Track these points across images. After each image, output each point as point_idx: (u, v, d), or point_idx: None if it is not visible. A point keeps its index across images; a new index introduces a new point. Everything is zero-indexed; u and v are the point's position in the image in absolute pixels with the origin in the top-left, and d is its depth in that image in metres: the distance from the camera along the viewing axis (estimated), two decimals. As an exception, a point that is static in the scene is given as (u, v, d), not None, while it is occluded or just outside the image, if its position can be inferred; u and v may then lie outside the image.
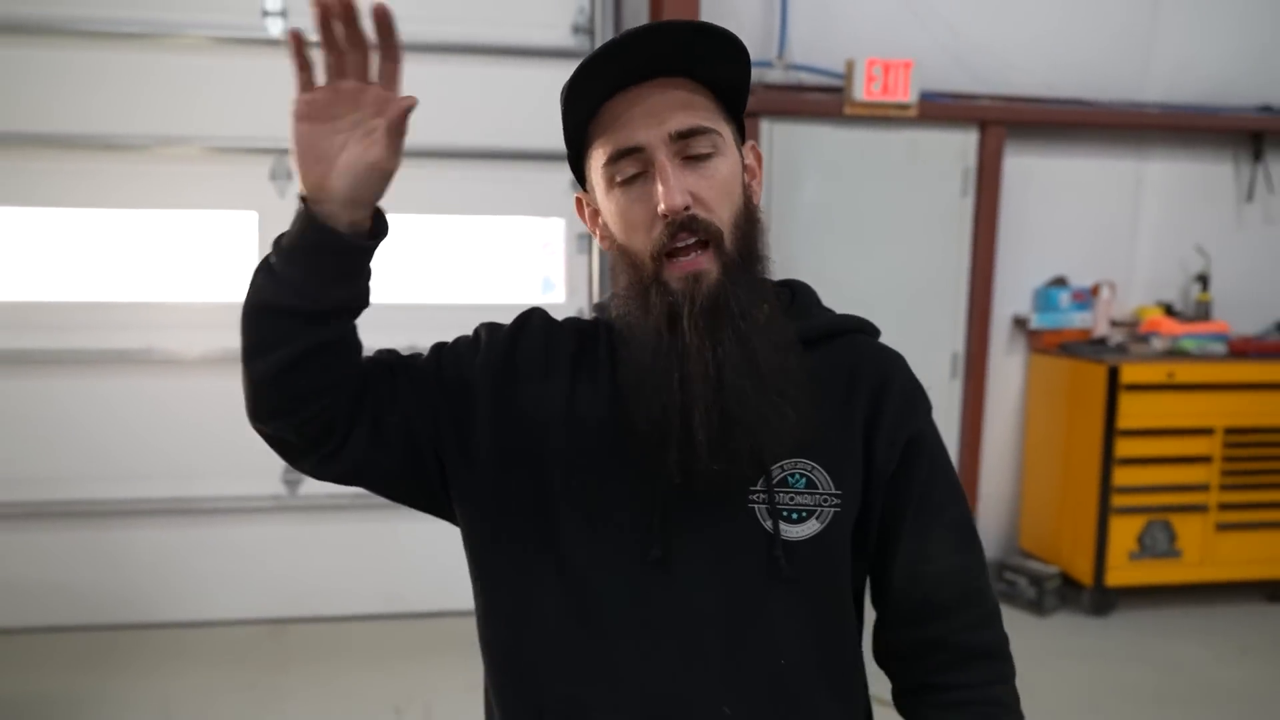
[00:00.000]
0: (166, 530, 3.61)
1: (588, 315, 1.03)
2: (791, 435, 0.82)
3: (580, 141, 0.88)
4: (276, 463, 3.67)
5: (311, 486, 3.61)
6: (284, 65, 2.99)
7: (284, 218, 3.08)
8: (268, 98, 3.43)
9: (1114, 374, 3.71)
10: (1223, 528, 3.86)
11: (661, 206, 0.79)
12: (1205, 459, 3.82)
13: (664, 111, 0.81)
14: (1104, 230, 4.21)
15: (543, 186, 3.66)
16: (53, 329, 3.47)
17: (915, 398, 0.93)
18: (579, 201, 0.95)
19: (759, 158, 0.94)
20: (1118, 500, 3.77)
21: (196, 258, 3.56)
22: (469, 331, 0.98)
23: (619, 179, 0.83)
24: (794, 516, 0.85)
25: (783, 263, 3.64)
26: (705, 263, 0.82)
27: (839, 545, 0.87)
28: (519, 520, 0.89)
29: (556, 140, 0.92)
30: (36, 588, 3.55)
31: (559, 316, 0.99)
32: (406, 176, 2.99)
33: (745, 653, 0.85)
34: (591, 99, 0.83)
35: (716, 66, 0.83)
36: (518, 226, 3.83)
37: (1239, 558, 3.89)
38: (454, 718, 2.97)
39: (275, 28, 3.41)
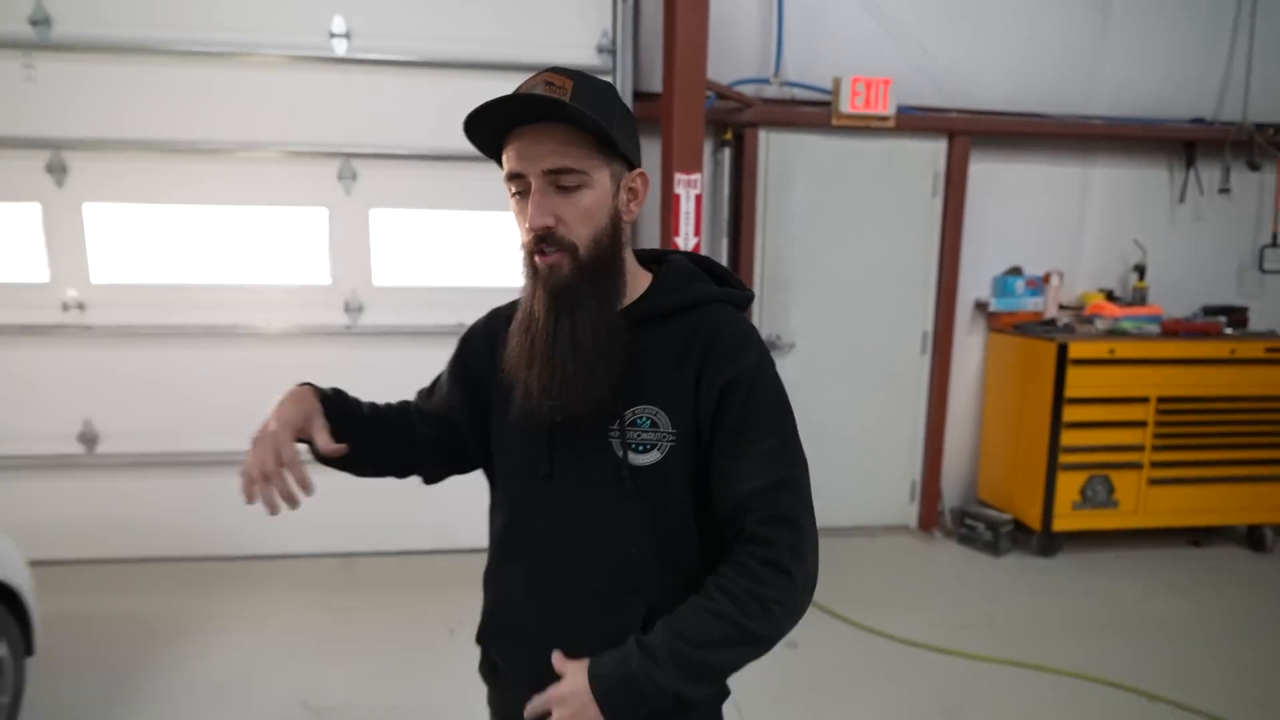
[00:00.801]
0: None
1: None
2: (595, 399, 0.90)
3: (499, 152, 0.94)
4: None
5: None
6: (348, 80, 2.81)
7: (350, 213, 2.94)
8: (334, 108, 3.30)
9: (1063, 350, 3.52)
10: (1154, 482, 3.68)
11: (528, 224, 0.89)
12: (1141, 424, 3.63)
13: (540, 152, 0.88)
14: (1054, 226, 4.01)
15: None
16: (159, 307, 3.34)
17: (735, 352, 0.93)
18: None
19: (645, 183, 0.97)
20: (1064, 458, 3.59)
21: (275, 247, 3.41)
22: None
23: (512, 190, 0.92)
24: (640, 448, 0.93)
25: (775, 253, 3.48)
26: (562, 261, 0.90)
27: (674, 470, 0.93)
28: (488, 459, 1.08)
29: None
30: (151, 526, 3.46)
31: None
32: (449, 178, 2.82)
33: (604, 543, 0.95)
34: (486, 134, 0.91)
35: (582, 123, 0.86)
36: None
37: (1168, 508, 3.71)
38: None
39: (340, 47, 3.24)
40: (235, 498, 3.41)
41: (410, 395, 1.25)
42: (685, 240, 3.28)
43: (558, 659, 0.91)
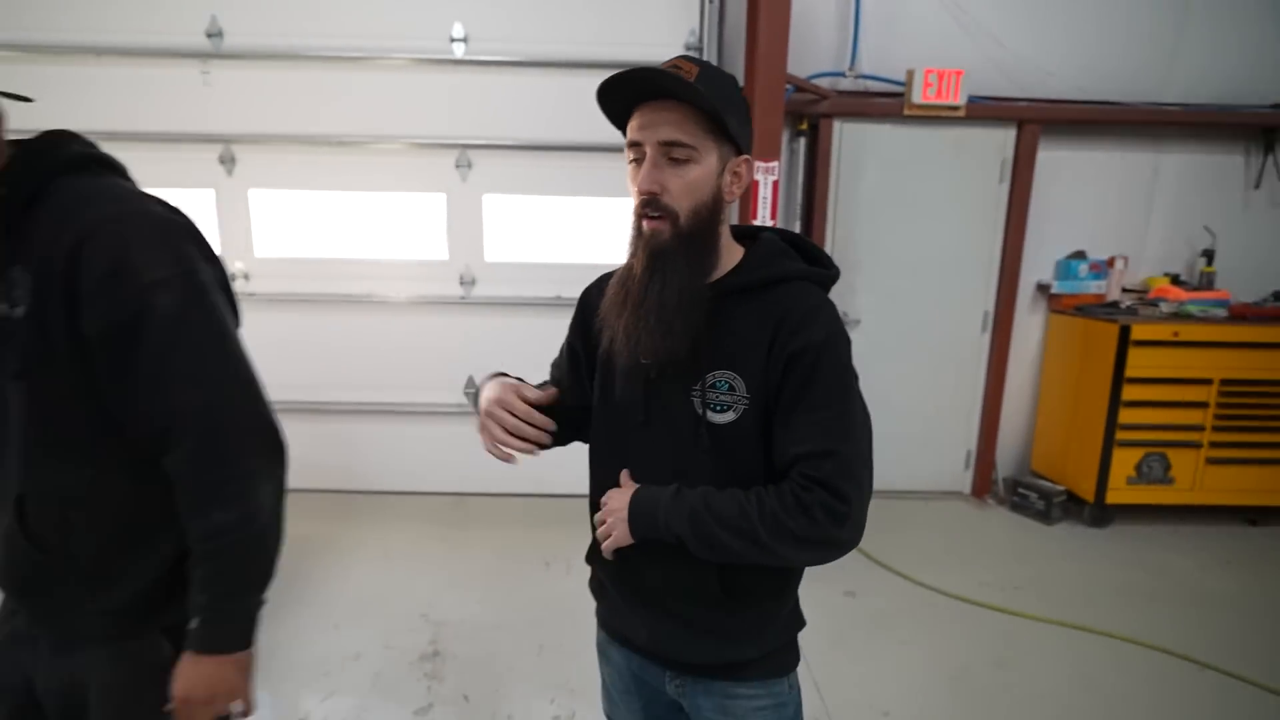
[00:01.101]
0: (384, 425, 3.72)
1: None
2: (668, 347, 0.94)
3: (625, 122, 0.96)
4: (458, 378, 3.72)
5: (484, 398, 3.67)
6: (465, 79, 2.91)
7: (465, 197, 3.05)
8: (453, 104, 3.41)
9: (1125, 331, 3.34)
10: (1212, 461, 3.46)
11: (638, 186, 0.93)
12: (1202, 404, 3.41)
13: (658, 123, 0.91)
14: (1121, 212, 3.76)
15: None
16: (308, 278, 3.56)
17: (804, 325, 0.93)
18: None
19: (749, 169, 0.99)
20: (1121, 435, 3.42)
21: (401, 227, 3.57)
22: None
23: (630, 157, 0.95)
24: (717, 408, 0.96)
25: (845, 236, 3.41)
26: (663, 227, 0.94)
27: (747, 431, 0.95)
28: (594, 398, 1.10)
29: None
30: (300, 462, 3.69)
31: None
32: (552, 166, 2.87)
33: (690, 485, 0.97)
34: (617, 105, 0.94)
35: (700, 104, 0.89)
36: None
37: (1225, 487, 3.49)
38: (586, 569, 2.99)
39: (459, 50, 3.35)
40: (367, 441, 3.67)
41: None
42: (762, 223, 3.27)
43: (624, 476, 1.02)
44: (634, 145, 0.93)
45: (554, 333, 1.24)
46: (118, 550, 0.95)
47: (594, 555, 1.12)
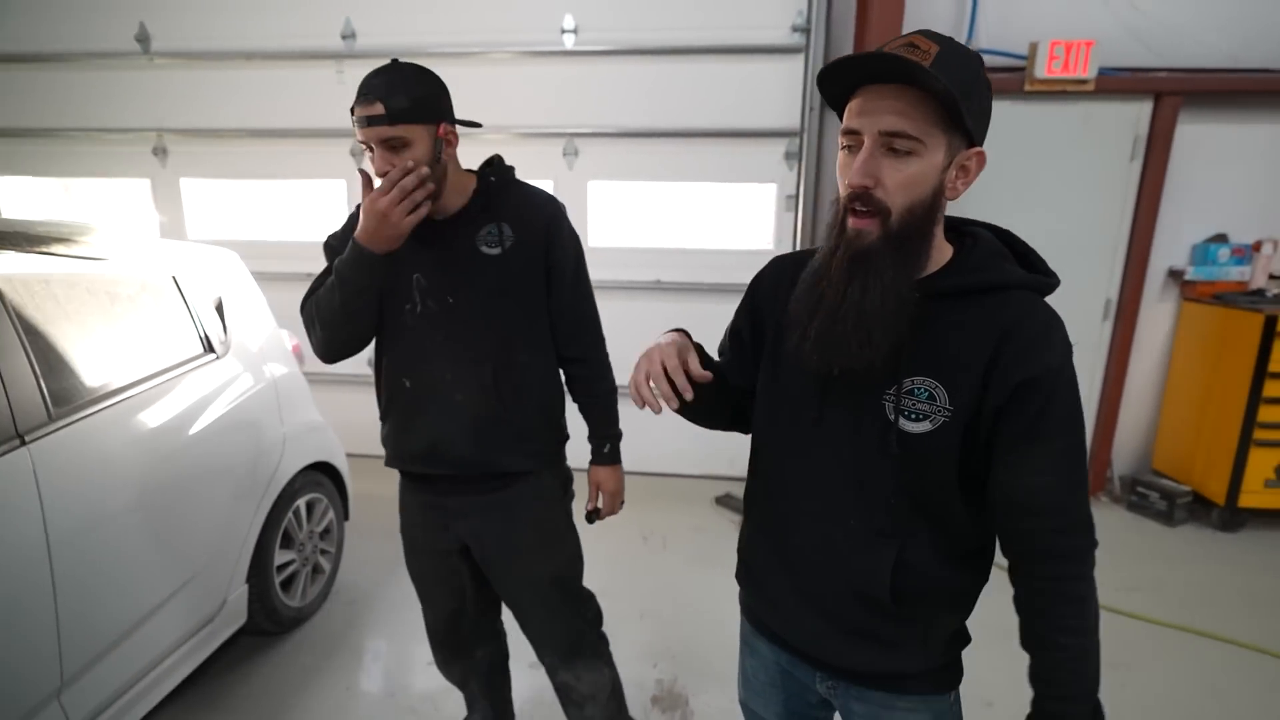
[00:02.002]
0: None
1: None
2: (864, 357, 0.86)
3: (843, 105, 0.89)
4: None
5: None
6: (574, 69, 3.01)
7: (572, 184, 3.16)
8: (562, 94, 3.52)
9: (1271, 322, 3.07)
10: (1370, 467, 3.15)
11: (848, 180, 0.84)
12: (1359, 404, 3.10)
13: (881, 110, 0.81)
14: (1271, 191, 3.42)
15: (762, 158, 3.50)
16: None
17: (1037, 349, 0.84)
18: None
19: (981, 162, 0.86)
20: (1260, 434, 3.16)
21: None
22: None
23: (844, 144, 0.86)
24: (912, 416, 0.88)
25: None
26: (871, 227, 0.84)
27: (943, 444, 0.87)
28: (757, 396, 1.06)
29: (774, 121, 0.91)
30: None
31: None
32: (660, 153, 2.90)
33: (866, 490, 0.92)
34: (835, 88, 0.86)
35: (935, 90, 0.78)
36: (743, 190, 3.61)
37: (1384, 495, 3.17)
38: (681, 545, 3.09)
39: (569, 41, 3.45)
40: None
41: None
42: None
43: None
44: (850, 133, 0.84)
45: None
46: (542, 406, 1.47)
47: (748, 546, 1.09)
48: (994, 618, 1.10)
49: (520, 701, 2.05)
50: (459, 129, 1.41)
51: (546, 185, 3.65)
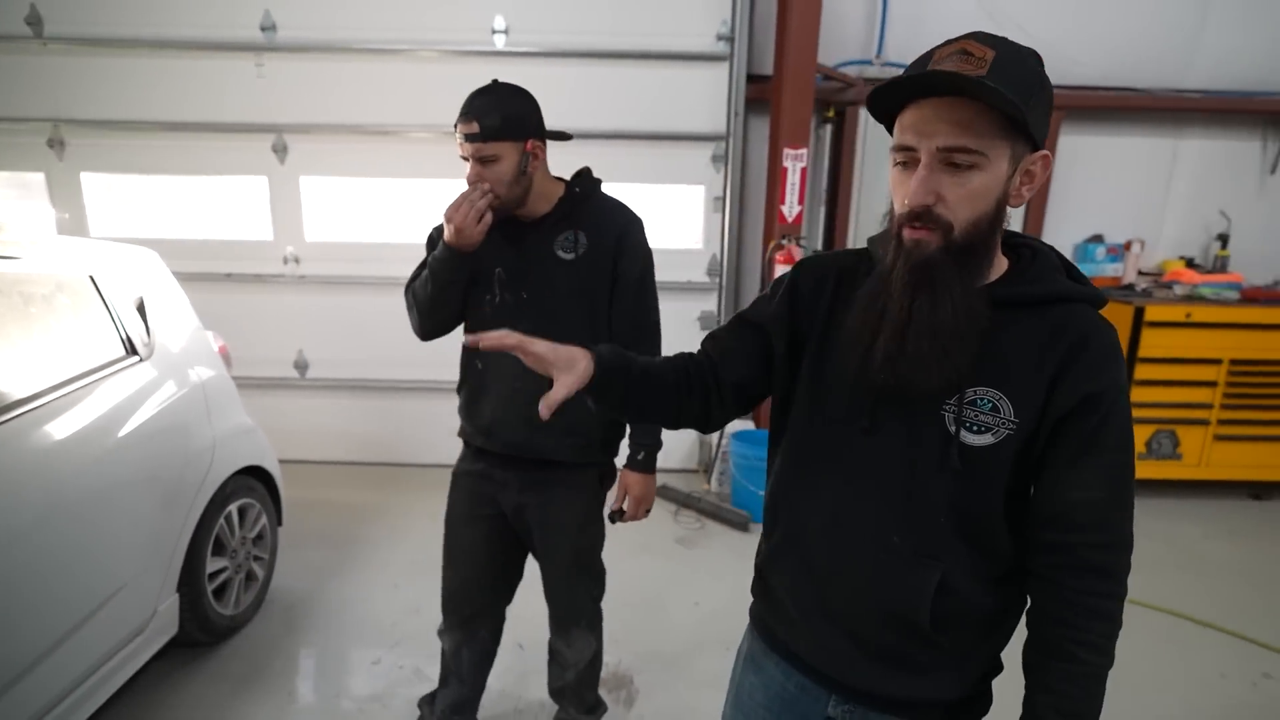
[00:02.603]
0: (423, 400, 3.86)
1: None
2: (946, 379, 0.82)
3: (893, 117, 0.85)
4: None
5: (522, 375, 3.83)
6: (505, 70, 3.06)
7: None
8: (495, 95, 3.53)
9: (1139, 313, 3.46)
10: (1220, 438, 3.60)
11: (908, 198, 0.79)
12: (1211, 383, 3.54)
13: (937, 129, 0.77)
14: (1138, 197, 3.87)
15: (691, 160, 3.62)
16: (355, 261, 3.71)
17: (1105, 363, 0.82)
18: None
19: (1046, 165, 0.83)
20: (1134, 413, 3.55)
21: (437, 213, 3.69)
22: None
23: (897, 160, 0.82)
24: (974, 429, 0.84)
25: (868, 219, 3.57)
26: (931, 239, 0.80)
27: (1005, 457, 0.84)
28: (787, 397, 0.99)
29: (701, 125, 0.93)
30: (348, 435, 3.91)
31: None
32: (592, 154, 2.98)
33: (915, 506, 0.87)
34: (887, 105, 0.83)
35: (995, 102, 0.74)
36: (672, 192, 3.73)
37: (1232, 463, 3.63)
38: (620, 535, 3.17)
39: (500, 42, 3.47)
40: (408, 415, 3.92)
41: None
42: (789, 209, 3.39)
43: None
44: (904, 149, 0.80)
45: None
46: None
47: (771, 558, 1.02)
48: None
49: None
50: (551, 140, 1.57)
51: (479, 184, 3.65)
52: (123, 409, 1.93)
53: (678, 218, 3.75)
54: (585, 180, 1.62)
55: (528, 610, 1.97)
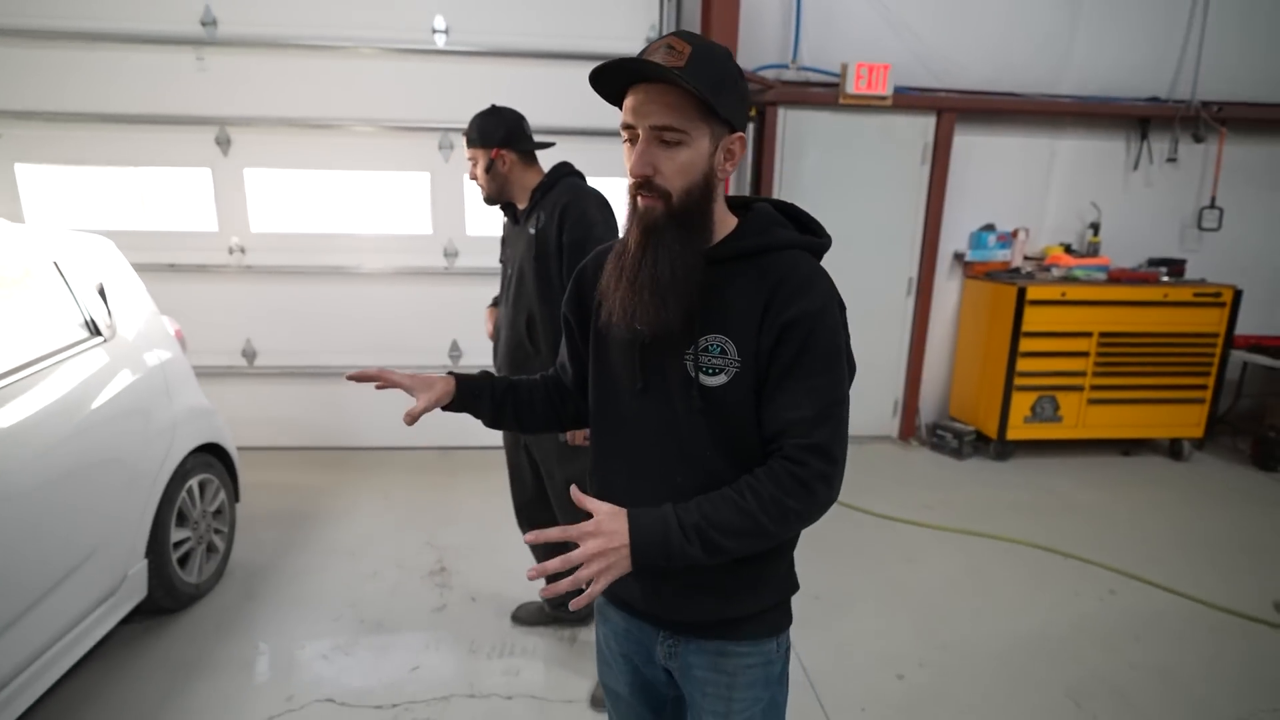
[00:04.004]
0: (369, 386, 4.02)
1: None
2: (664, 324, 0.94)
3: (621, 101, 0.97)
4: (444, 342, 4.12)
5: (469, 359, 4.02)
6: (446, 68, 3.36)
7: (449, 178, 3.48)
8: (436, 91, 3.71)
9: (1022, 293, 3.91)
10: (1093, 402, 4.10)
11: (630, 169, 0.94)
12: (1084, 354, 4.03)
13: (650, 110, 0.90)
14: (1024, 190, 4.32)
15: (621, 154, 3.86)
16: (301, 251, 3.83)
17: (798, 295, 0.94)
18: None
19: (743, 145, 0.98)
20: (1019, 381, 4.02)
21: (387, 203, 3.86)
22: None
23: (624, 137, 0.95)
24: (709, 371, 0.96)
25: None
26: (656, 204, 0.94)
27: (738, 392, 0.96)
28: (589, 368, 1.13)
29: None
30: (296, 421, 4.02)
31: None
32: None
33: (686, 447, 0.99)
34: (611, 86, 0.94)
35: (684, 87, 0.88)
36: (606, 184, 3.96)
37: (1104, 423, 4.14)
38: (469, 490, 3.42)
39: (440, 41, 3.65)
40: (356, 402, 4.17)
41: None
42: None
43: (591, 503, 0.92)
44: (627, 127, 0.94)
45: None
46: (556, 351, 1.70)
47: None
48: (815, 529, 1.10)
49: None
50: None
51: (423, 177, 3.83)
52: (90, 385, 2.07)
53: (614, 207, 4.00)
54: (553, 171, 2.03)
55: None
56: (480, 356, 3.98)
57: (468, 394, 1.16)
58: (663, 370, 0.99)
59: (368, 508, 3.37)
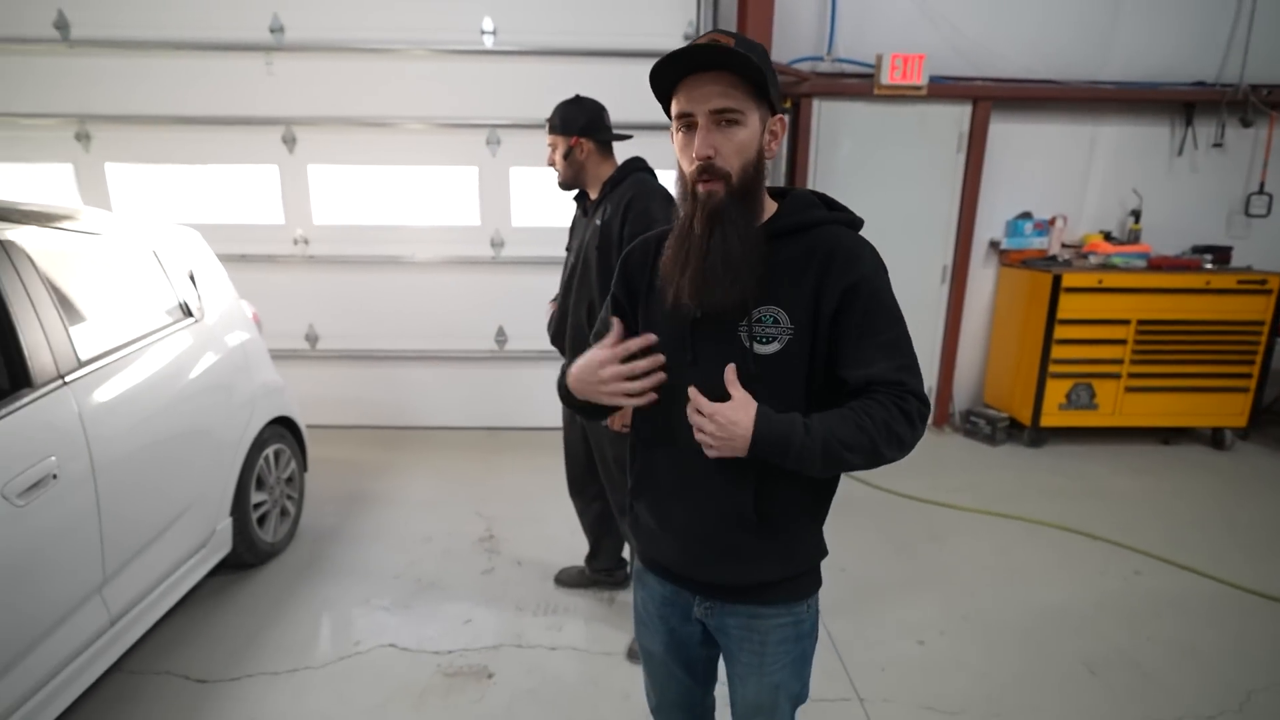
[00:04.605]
0: (425, 369, 4.29)
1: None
2: (739, 297, 1.01)
3: (669, 99, 1.04)
4: (490, 328, 4.36)
5: (514, 343, 4.25)
6: (493, 67, 3.59)
7: (496, 171, 3.70)
8: (484, 89, 3.91)
9: (1057, 280, 3.93)
10: (1131, 390, 4.09)
11: (694, 153, 1.00)
12: (1121, 341, 4.03)
13: (708, 94, 0.98)
14: (1062, 177, 4.32)
15: (660, 148, 4.01)
16: (359, 242, 4.10)
17: (853, 261, 1.02)
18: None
19: (784, 126, 1.06)
20: (1053, 368, 4.05)
21: (439, 197, 4.08)
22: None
23: (678, 127, 1.02)
24: (763, 340, 1.03)
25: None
26: (718, 187, 1.01)
27: (792, 358, 1.03)
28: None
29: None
30: (352, 401, 4.31)
31: None
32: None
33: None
34: (667, 80, 1.01)
35: (745, 70, 0.97)
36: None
37: (1142, 411, 4.13)
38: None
39: (489, 42, 3.86)
40: (410, 383, 4.48)
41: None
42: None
43: (733, 388, 0.99)
44: (683, 116, 1.00)
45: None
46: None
47: (635, 489, 1.21)
48: (846, 507, 1.19)
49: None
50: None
51: (472, 171, 4.05)
52: (185, 360, 2.34)
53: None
54: (624, 165, 2.17)
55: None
56: (524, 342, 4.20)
57: None
58: (713, 343, 1.05)
59: (421, 481, 3.63)
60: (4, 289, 1.72)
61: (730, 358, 1.02)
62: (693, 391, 1.01)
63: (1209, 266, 4.08)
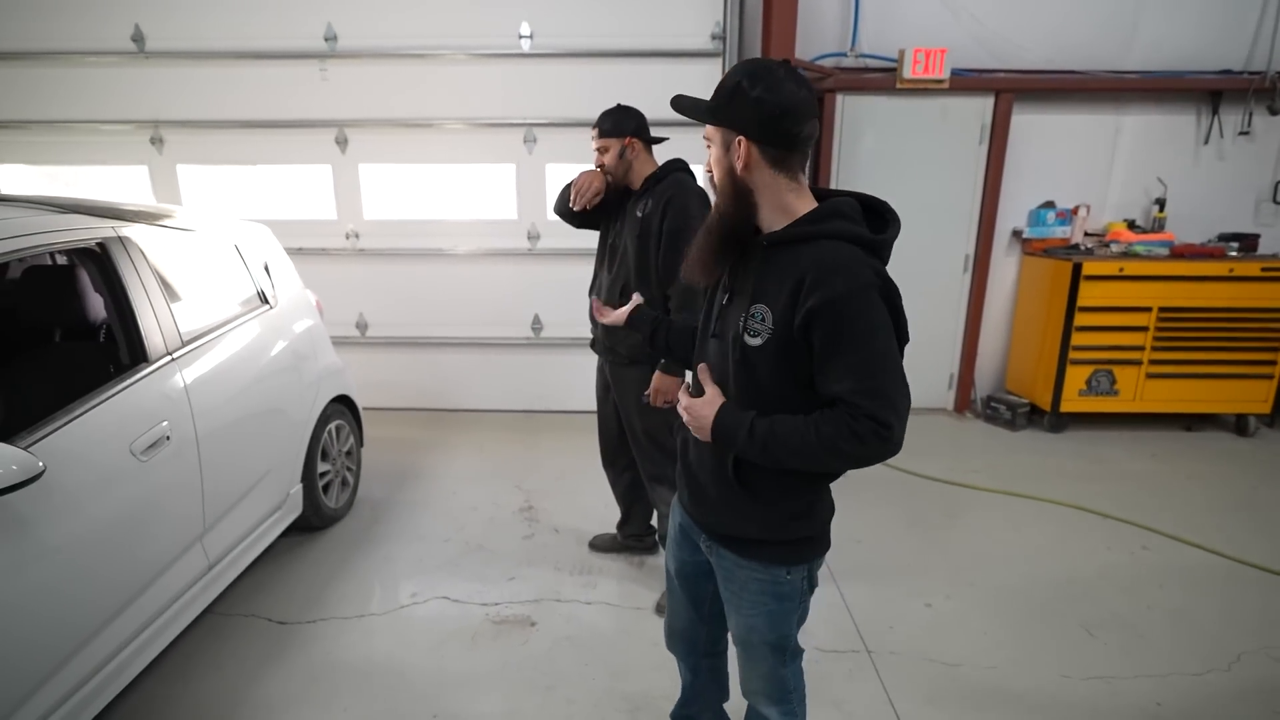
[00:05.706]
0: (466, 355, 4.59)
1: None
2: (710, 280, 1.31)
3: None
4: (527, 316, 4.69)
5: (549, 331, 4.52)
6: (530, 68, 3.88)
7: (532, 168, 4.01)
8: (522, 90, 4.17)
9: (1078, 268, 4.05)
10: (1152, 376, 4.19)
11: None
12: (1143, 328, 4.13)
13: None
14: (1086, 167, 4.41)
15: (689, 145, 4.22)
16: (406, 236, 4.40)
17: (824, 284, 1.10)
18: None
19: (742, 145, 1.19)
20: (1073, 355, 4.17)
21: (479, 192, 4.35)
22: None
23: (707, 145, 1.27)
24: (751, 333, 1.20)
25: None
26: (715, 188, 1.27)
27: (769, 353, 1.18)
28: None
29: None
30: (399, 385, 4.62)
31: None
32: (586, 141, 3.44)
33: (725, 388, 1.27)
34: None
35: (694, 113, 1.26)
36: None
37: (1163, 397, 4.23)
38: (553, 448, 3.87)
39: (526, 45, 4.11)
40: (453, 368, 4.85)
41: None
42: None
43: (704, 377, 1.28)
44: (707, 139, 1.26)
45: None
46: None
47: (680, 441, 1.44)
48: (861, 486, 1.34)
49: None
50: (660, 134, 2.45)
51: (509, 168, 4.32)
52: (262, 343, 2.66)
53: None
54: (666, 165, 2.38)
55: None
56: (559, 329, 4.47)
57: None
58: (727, 326, 1.26)
59: (465, 458, 3.93)
60: (125, 278, 2.04)
61: (730, 340, 1.24)
62: (682, 384, 1.33)
63: (1234, 254, 4.15)
